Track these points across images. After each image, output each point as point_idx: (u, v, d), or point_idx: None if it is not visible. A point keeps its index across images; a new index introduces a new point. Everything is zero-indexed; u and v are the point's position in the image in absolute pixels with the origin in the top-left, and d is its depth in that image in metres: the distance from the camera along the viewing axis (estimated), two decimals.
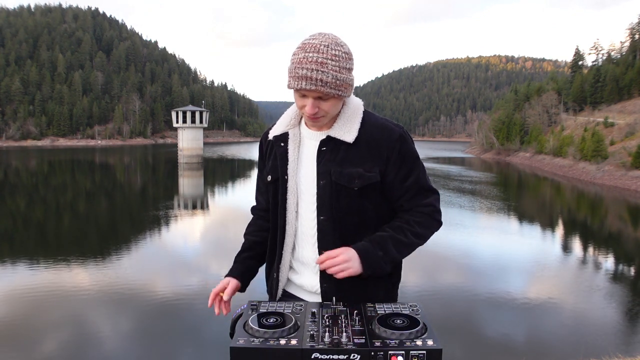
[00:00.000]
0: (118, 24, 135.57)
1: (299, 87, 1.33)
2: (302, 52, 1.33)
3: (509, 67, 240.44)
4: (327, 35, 1.37)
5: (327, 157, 1.43)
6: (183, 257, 12.06)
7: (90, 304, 8.59)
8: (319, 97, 1.35)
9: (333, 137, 1.43)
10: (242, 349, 1.19)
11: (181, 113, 47.06)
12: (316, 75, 1.31)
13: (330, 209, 1.43)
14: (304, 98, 1.37)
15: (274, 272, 1.56)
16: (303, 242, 1.50)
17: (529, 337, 7.46)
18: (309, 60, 1.32)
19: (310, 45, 1.34)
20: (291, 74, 1.35)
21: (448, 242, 13.49)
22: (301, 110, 1.40)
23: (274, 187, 1.52)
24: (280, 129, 1.53)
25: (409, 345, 1.19)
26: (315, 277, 1.49)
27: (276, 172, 1.50)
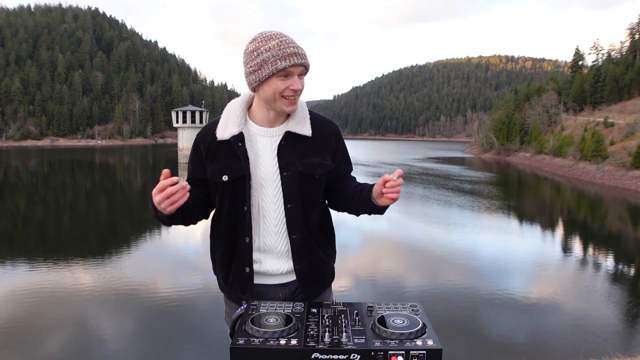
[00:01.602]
0: (118, 24, 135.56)
1: (292, 62, 1.43)
2: (273, 40, 1.45)
3: (509, 67, 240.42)
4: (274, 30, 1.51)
5: (289, 150, 1.55)
6: (183, 257, 12.06)
7: (90, 303, 8.58)
8: (299, 74, 1.49)
9: (292, 132, 1.56)
10: (242, 349, 1.19)
11: (181, 113, 47.11)
12: (301, 51, 1.46)
13: (297, 197, 1.55)
14: (286, 80, 1.47)
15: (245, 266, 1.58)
16: (265, 232, 1.58)
17: (529, 337, 7.46)
18: (288, 41, 1.46)
19: (274, 34, 1.47)
20: (277, 55, 1.43)
21: (448, 242, 13.50)
22: (280, 93, 1.48)
23: (232, 186, 1.54)
24: (233, 128, 1.56)
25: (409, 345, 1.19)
26: (279, 261, 1.59)
27: (235, 171, 1.53)
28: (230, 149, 1.55)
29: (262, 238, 1.58)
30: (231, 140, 1.54)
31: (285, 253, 1.59)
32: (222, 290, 1.72)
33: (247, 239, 1.57)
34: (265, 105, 1.55)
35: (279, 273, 1.60)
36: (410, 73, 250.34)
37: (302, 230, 1.57)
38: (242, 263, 1.59)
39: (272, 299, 1.58)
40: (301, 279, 1.60)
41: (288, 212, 1.55)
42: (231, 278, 1.63)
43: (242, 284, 1.61)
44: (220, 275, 1.68)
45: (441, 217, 17.69)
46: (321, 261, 1.64)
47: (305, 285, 1.61)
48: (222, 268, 1.65)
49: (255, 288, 1.61)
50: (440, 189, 25.93)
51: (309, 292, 1.63)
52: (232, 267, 1.62)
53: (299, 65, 1.45)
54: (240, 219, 1.57)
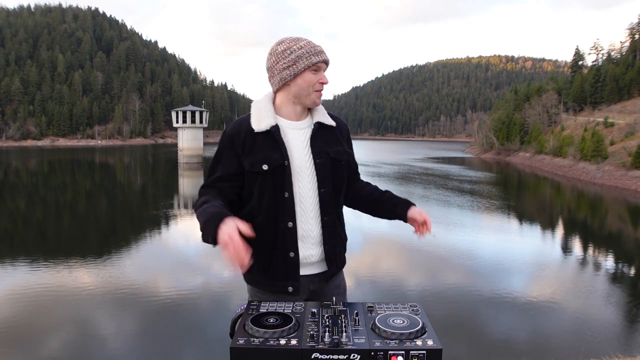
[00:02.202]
0: (118, 24, 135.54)
1: (322, 58, 1.66)
2: (299, 42, 1.66)
3: (509, 67, 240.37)
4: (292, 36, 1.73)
5: (319, 140, 1.71)
6: (183, 257, 12.06)
7: (90, 303, 8.58)
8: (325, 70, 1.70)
9: (322, 122, 1.73)
10: (242, 349, 1.19)
11: (181, 113, 47.07)
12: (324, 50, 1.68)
13: (330, 182, 1.71)
14: (317, 74, 1.67)
15: (290, 251, 1.65)
16: (303, 217, 1.68)
17: (529, 337, 7.46)
18: (312, 43, 1.67)
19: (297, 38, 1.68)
20: (310, 51, 1.64)
21: (448, 242, 13.49)
22: (312, 87, 1.67)
23: (272, 175, 1.63)
24: (269, 121, 1.67)
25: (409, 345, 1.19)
26: (315, 247, 1.70)
27: (275, 160, 1.63)
28: (267, 140, 1.65)
29: (301, 224, 1.67)
30: (271, 130, 1.65)
31: (317, 238, 1.70)
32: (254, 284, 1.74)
33: (290, 224, 1.65)
34: (294, 100, 1.70)
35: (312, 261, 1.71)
36: (410, 73, 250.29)
37: (332, 214, 1.72)
38: (285, 249, 1.66)
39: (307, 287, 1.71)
40: (329, 258, 1.73)
41: (321, 196, 1.69)
42: (272, 266, 1.67)
43: (287, 270, 1.67)
44: (258, 266, 1.64)
45: (441, 217, 17.68)
46: (343, 243, 1.81)
47: (331, 265, 1.74)
48: (261, 259, 1.65)
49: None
50: (440, 189, 25.93)
51: (332, 272, 1.76)
52: (273, 255, 1.67)
53: (325, 62, 1.68)
54: (281, 206, 1.65)
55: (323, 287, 1.77)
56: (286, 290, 1.67)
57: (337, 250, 1.77)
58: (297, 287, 1.68)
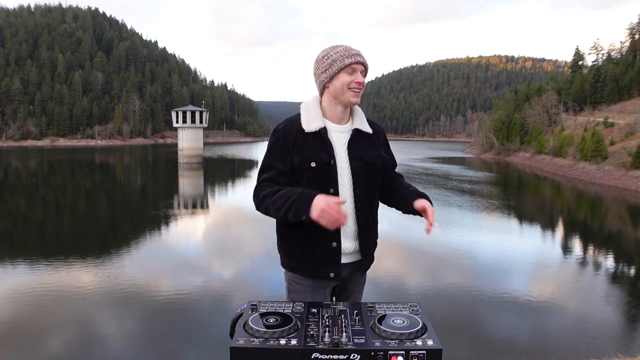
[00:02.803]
0: (118, 24, 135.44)
1: (356, 60, 1.79)
2: (339, 47, 1.83)
3: (509, 67, 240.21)
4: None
5: (357, 145, 1.86)
6: (183, 257, 12.06)
7: (90, 304, 8.58)
8: (362, 72, 1.83)
9: (359, 129, 1.89)
10: (242, 349, 1.19)
11: (181, 113, 47.04)
12: (362, 54, 1.83)
13: (364, 183, 1.85)
14: (353, 75, 1.80)
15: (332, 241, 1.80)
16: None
17: (529, 336, 7.46)
18: (351, 46, 1.83)
19: (339, 44, 1.86)
20: (344, 55, 1.79)
21: (448, 242, 13.49)
22: (347, 86, 1.80)
23: (319, 172, 1.78)
24: (318, 122, 1.82)
25: (409, 345, 1.19)
26: (351, 241, 1.86)
27: (322, 158, 1.78)
28: (316, 140, 1.80)
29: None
30: (320, 131, 1.80)
31: (352, 233, 1.85)
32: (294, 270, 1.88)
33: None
34: (334, 100, 1.85)
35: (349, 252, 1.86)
36: (410, 73, 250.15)
37: (367, 212, 1.87)
38: (329, 239, 1.80)
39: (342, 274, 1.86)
40: (364, 253, 1.89)
41: (356, 196, 1.83)
42: (315, 255, 1.82)
43: (330, 257, 1.82)
44: (301, 254, 1.84)
45: (441, 217, 17.67)
46: (374, 241, 1.97)
47: (365, 259, 1.91)
48: (306, 246, 1.82)
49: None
50: (440, 189, 25.93)
51: (366, 266, 1.96)
52: (317, 244, 1.81)
53: (361, 63, 1.80)
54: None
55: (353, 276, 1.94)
56: (328, 275, 1.83)
57: (371, 246, 1.93)
58: (338, 273, 1.84)
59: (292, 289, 1.89)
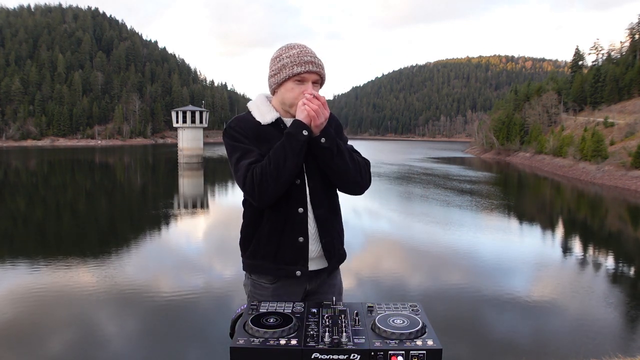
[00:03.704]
0: (118, 24, 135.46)
1: (305, 69, 1.61)
2: (293, 50, 1.64)
3: (509, 67, 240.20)
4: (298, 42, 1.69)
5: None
6: (183, 257, 12.06)
7: (91, 304, 8.58)
8: (315, 81, 1.65)
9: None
10: (242, 349, 1.19)
11: (181, 113, 47.05)
12: (317, 61, 1.64)
13: (317, 176, 1.69)
14: (300, 85, 1.63)
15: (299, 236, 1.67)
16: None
17: (529, 337, 7.46)
18: (307, 51, 1.63)
19: (296, 45, 1.66)
20: (292, 63, 1.61)
21: (448, 242, 13.49)
22: (296, 99, 1.63)
23: None
24: (273, 114, 1.70)
25: (409, 345, 1.19)
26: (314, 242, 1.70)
27: None
28: (274, 131, 1.68)
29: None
30: (277, 121, 1.69)
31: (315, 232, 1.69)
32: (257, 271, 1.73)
33: (300, 210, 1.67)
34: (283, 107, 1.71)
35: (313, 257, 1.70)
36: (410, 73, 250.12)
37: (324, 206, 1.71)
38: (294, 233, 1.67)
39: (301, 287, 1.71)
40: (328, 251, 1.71)
41: (311, 190, 1.69)
42: (281, 250, 1.68)
43: (296, 254, 1.67)
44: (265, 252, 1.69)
45: (441, 217, 17.68)
46: (340, 237, 1.79)
47: (331, 259, 1.73)
48: (269, 243, 1.68)
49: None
50: (440, 189, 25.92)
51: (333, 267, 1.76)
52: (282, 240, 1.67)
53: (313, 72, 1.63)
54: (296, 191, 1.66)
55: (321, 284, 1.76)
56: (294, 274, 1.67)
57: (335, 243, 1.75)
58: (305, 271, 1.68)
59: (254, 294, 1.73)
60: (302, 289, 1.72)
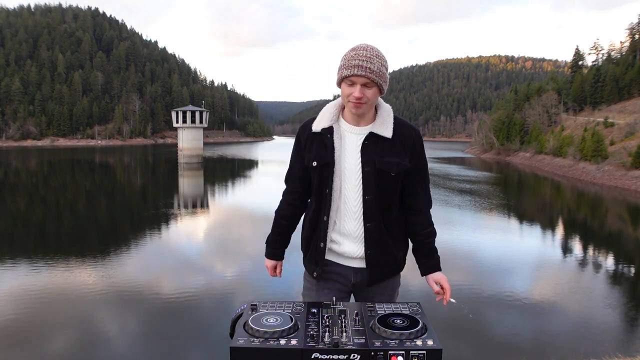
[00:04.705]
0: (118, 24, 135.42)
1: (351, 73, 1.67)
2: (352, 52, 1.71)
3: (509, 67, 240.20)
4: (370, 44, 1.75)
5: (371, 149, 1.77)
6: (183, 257, 12.06)
7: (91, 304, 8.58)
8: (365, 84, 1.69)
9: (375, 132, 1.78)
10: (242, 349, 1.19)
11: (181, 113, 47.03)
12: (366, 64, 1.67)
13: (375, 190, 1.78)
14: (352, 87, 1.70)
15: (320, 241, 1.84)
16: (346, 217, 1.82)
17: (529, 337, 7.46)
18: (359, 55, 1.69)
19: (359, 47, 1.72)
20: (344, 66, 1.70)
21: (448, 241, 13.49)
22: (347, 98, 1.72)
23: (320, 171, 1.80)
24: (325, 122, 1.82)
25: (409, 345, 1.19)
26: (355, 245, 1.83)
27: (323, 158, 1.79)
28: (322, 140, 1.80)
29: (342, 222, 1.82)
30: (322, 132, 1.80)
31: (360, 238, 1.82)
32: (303, 264, 1.98)
33: (325, 217, 1.82)
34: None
35: (354, 257, 1.84)
36: (410, 73, 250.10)
37: (376, 220, 1.80)
38: (318, 238, 1.84)
39: (345, 279, 1.86)
40: (370, 263, 1.84)
41: (365, 203, 1.78)
42: (309, 252, 1.90)
43: (317, 257, 1.86)
44: (302, 250, 1.95)
45: (441, 216, 17.68)
46: (390, 250, 1.88)
47: (373, 270, 1.85)
48: (304, 243, 1.93)
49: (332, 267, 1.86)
50: (440, 189, 25.92)
51: (376, 278, 1.87)
52: (311, 242, 1.89)
53: (359, 76, 1.67)
54: (322, 200, 1.82)
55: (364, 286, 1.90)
56: (312, 274, 1.88)
57: (384, 258, 1.86)
58: (320, 274, 1.86)
59: (304, 285, 1.97)
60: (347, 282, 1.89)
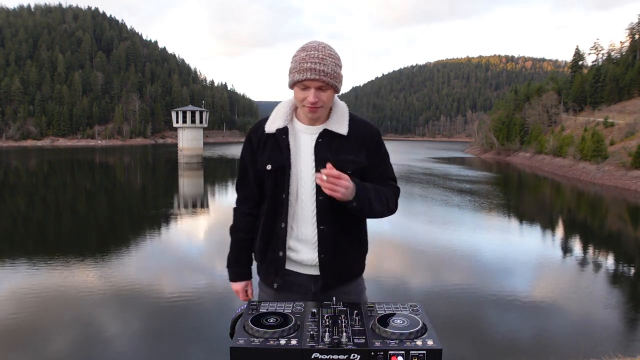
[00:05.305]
0: (118, 24, 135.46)
1: (304, 77, 1.56)
2: (303, 52, 1.59)
3: (509, 67, 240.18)
4: (321, 41, 1.65)
5: (324, 147, 1.67)
6: (183, 257, 12.06)
7: (91, 304, 8.58)
8: (319, 87, 1.58)
9: (329, 130, 1.68)
10: (242, 349, 1.19)
11: (181, 113, 47.05)
12: (319, 67, 1.56)
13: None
14: (305, 91, 1.59)
15: (279, 250, 1.72)
16: (303, 222, 1.70)
17: (529, 337, 7.46)
18: (311, 57, 1.57)
19: (310, 47, 1.60)
20: (295, 69, 1.58)
21: (448, 242, 13.49)
22: (301, 102, 1.62)
23: (275, 175, 1.70)
24: (279, 123, 1.71)
25: (409, 345, 1.19)
26: (313, 251, 1.70)
27: (277, 161, 1.68)
28: (276, 141, 1.70)
29: (300, 227, 1.71)
30: (276, 132, 1.70)
31: (313, 245, 1.70)
32: (258, 273, 1.86)
33: (282, 224, 1.71)
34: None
35: (312, 264, 1.71)
36: (410, 73, 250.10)
37: (330, 223, 1.68)
38: (276, 247, 1.73)
39: (305, 288, 1.72)
40: (323, 269, 1.70)
41: (319, 204, 1.67)
42: (266, 261, 1.77)
43: (276, 267, 1.74)
44: (257, 259, 1.83)
45: (441, 217, 17.68)
46: (346, 255, 1.74)
47: (326, 276, 1.71)
48: (260, 252, 1.80)
49: (292, 277, 1.74)
50: (440, 189, 25.92)
51: (329, 283, 1.72)
52: (268, 251, 1.76)
53: (313, 80, 1.56)
54: (279, 206, 1.71)
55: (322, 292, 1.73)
56: (272, 286, 1.76)
57: (338, 262, 1.71)
58: (280, 284, 1.74)
59: (259, 296, 1.84)
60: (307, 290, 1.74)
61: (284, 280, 1.74)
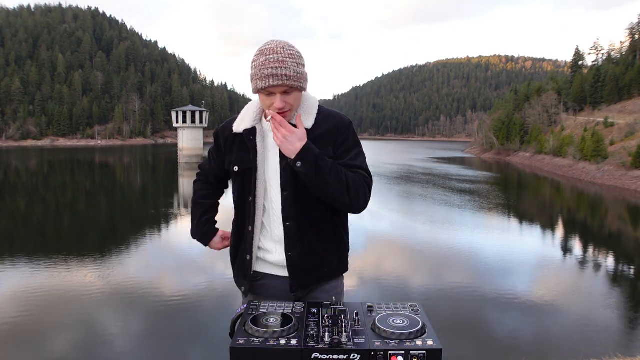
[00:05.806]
0: (118, 24, 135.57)
1: (266, 85, 1.49)
2: (262, 57, 1.51)
3: (509, 67, 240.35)
4: (279, 40, 1.57)
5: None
6: (183, 257, 12.05)
7: (91, 304, 8.58)
8: (284, 91, 1.52)
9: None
10: (242, 349, 1.19)
11: (181, 113, 47.09)
12: (281, 72, 1.49)
13: (292, 186, 1.60)
14: (270, 97, 1.53)
15: (246, 254, 1.70)
16: (274, 222, 1.66)
17: (529, 337, 7.46)
18: (271, 61, 1.49)
19: (268, 49, 1.52)
20: (257, 76, 1.51)
21: (448, 242, 13.49)
22: (268, 108, 1.56)
23: (242, 177, 1.68)
24: (247, 123, 1.67)
25: (409, 345, 1.19)
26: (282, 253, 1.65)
27: (245, 163, 1.66)
28: (243, 142, 1.67)
29: (273, 228, 1.67)
30: (244, 133, 1.66)
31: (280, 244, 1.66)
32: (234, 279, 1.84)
33: (250, 228, 1.68)
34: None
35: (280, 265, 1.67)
36: (410, 73, 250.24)
37: (296, 219, 1.61)
38: (245, 250, 1.70)
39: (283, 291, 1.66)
40: (292, 266, 1.63)
41: (283, 200, 1.62)
42: (236, 265, 1.77)
43: (244, 271, 1.72)
44: (231, 263, 1.82)
45: (441, 217, 17.69)
46: (315, 252, 1.64)
47: (296, 274, 1.64)
48: (232, 255, 1.80)
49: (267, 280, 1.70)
50: (440, 189, 25.92)
51: (300, 282, 1.64)
52: (238, 254, 1.75)
53: (277, 86, 1.49)
54: (246, 209, 1.69)
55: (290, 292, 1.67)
56: (240, 289, 1.75)
57: (306, 261, 1.63)
58: (247, 288, 1.71)
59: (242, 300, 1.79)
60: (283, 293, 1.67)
61: (256, 284, 1.70)
